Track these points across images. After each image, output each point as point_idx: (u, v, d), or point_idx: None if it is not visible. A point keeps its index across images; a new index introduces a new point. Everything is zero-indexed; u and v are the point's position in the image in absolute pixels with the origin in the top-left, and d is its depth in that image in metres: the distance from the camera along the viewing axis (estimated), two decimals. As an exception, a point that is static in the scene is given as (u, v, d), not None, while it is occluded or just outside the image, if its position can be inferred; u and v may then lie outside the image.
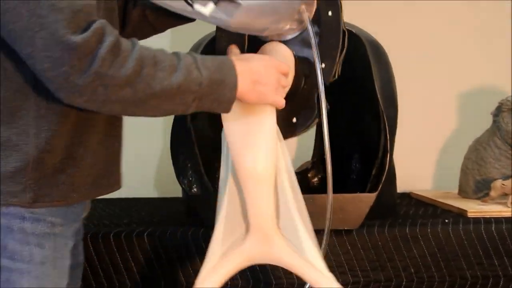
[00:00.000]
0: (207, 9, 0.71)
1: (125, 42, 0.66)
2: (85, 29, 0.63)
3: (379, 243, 1.17)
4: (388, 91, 1.23)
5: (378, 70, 1.22)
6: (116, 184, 0.81)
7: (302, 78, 0.85)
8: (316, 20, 0.83)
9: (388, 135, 1.17)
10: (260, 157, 0.80)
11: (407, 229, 1.18)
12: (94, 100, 0.65)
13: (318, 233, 0.90)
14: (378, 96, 1.18)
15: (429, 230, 1.18)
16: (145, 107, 0.68)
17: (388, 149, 1.16)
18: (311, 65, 0.83)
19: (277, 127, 0.83)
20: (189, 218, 1.29)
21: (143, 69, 0.66)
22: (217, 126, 0.84)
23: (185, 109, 0.70)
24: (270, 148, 0.81)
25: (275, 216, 0.83)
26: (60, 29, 0.61)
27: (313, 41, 0.79)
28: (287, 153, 0.84)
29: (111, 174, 0.79)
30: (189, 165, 1.23)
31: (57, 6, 0.61)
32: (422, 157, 1.70)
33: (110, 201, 1.48)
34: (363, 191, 1.19)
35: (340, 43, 0.87)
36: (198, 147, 1.21)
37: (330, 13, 0.86)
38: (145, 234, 1.15)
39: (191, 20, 0.74)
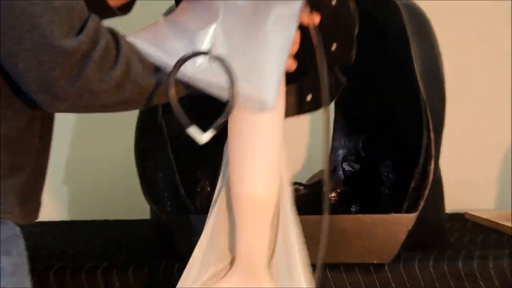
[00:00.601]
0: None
1: (111, 39, 0.76)
2: (80, 30, 0.72)
3: (421, 282, 1.14)
4: (433, 74, 1.21)
5: (418, 45, 1.18)
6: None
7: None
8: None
9: (432, 134, 1.14)
10: (261, 182, 0.86)
11: (460, 263, 1.16)
12: (77, 105, 0.76)
13: (345, 269, 0.99)
14: (418, 80, 1.14)
15: (490, 266, 1.16)
16: (129, 105, 0.81)
17: (432, 153, 1.13)
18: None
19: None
20: (160, 248, 1.28)
21: (131, 68, 0.77)
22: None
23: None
24: (274, 170, 0.87)
25: (269, 251, 0.88)
26: (55, 32, 0.70)
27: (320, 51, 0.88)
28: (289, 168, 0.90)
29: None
30: (160, 175, 1.23)
31: (52, 5, 0.70)
32: (479, 166, 1.73)
33: (52, 225, 1.52)
34: (398, 210, 1.16)
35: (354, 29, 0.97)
36: (173, 150, 1.21)
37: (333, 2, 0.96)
38: (99, 270, 1.14)
39: None
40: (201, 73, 0.84)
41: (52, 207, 1.73)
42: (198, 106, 0.93)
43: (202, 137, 0.82)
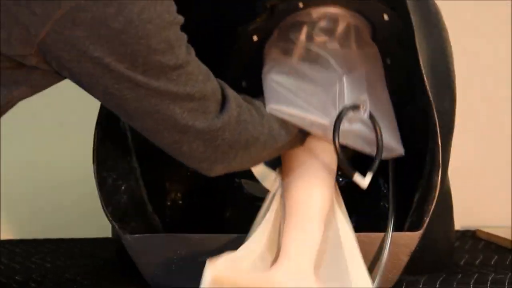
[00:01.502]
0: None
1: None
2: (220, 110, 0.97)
3: None
4: (440, 68, 1.20)
5: (424, 34, 1.17)
6: None
7: None
8: None
9: (439, 139, 1.12)
10: (317, 190, 1.10)
11: None
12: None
13: None
14: (424, 75, 1.13)
15: (507, 291, 1.15)
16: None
17: (439, 162, 1.12)
18: None
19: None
20: (124, 272, 1.27)
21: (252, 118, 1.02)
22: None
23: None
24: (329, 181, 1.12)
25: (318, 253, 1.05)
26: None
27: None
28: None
29: None
30: (123, 187, 1.22)
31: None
32: (494, 176, 1.73)
33: None
34: (400, 228, 1.15)
35: None
36: (138, 158, 1.21)
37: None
38: None
39: None
40: (352, 127, 1.09)
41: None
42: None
43: (365, 181, 1.08)
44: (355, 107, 1.08)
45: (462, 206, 1.37)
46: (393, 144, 1.14)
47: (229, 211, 1.47)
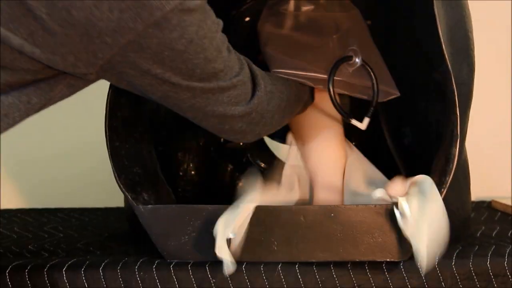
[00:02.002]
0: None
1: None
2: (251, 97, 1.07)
3: (443, 284, 1.12)
4: (459, 36, 1.19)
5: (443, 3, 1.15)
6: None
7: None
8: None
9: (458, 110, 1.11)
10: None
11: (489, 261, 1.13)
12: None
13: (353, 268, 1.08)
14: (443, 47, 1.11)
15: (525, 263, 1.13)
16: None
17: (458, 133, 1.11)
18: None
19: None
20: (136, 242, 1.28)
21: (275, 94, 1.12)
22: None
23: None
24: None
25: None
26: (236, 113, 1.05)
27: None
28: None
29: None
30: (135, 157, 1.22)
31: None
32: (507, 146, 1.75)
33: (7, 214, 1.55)
34: None
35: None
36: (150, 129, 1.23)
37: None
38: (64, 268, 1.12)
39: None
40: (350, 76, 1.20)
41: (9, 194, 1.74)
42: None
43: (363, 124, 1.20)
44: (347, 58, 1.20)
45: (476, 177, 1.36)
46: (388, 88, 1.24)
47: (241, 181, 1.47)
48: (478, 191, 1.56)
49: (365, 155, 1.31)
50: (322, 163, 1.26)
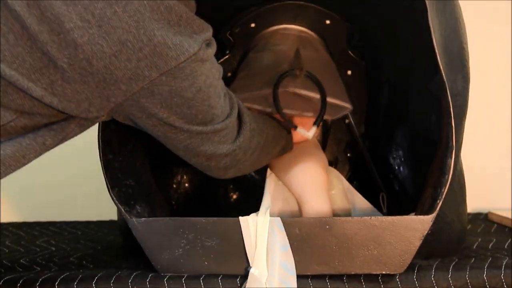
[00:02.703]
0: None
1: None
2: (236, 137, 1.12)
3: None
4: (453, 47, 1.18)
5: (436, 11, 1.16)
6: None
7: None
8: None
9: (453, 120, 1.11)
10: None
11: (485, 273, 1.13)
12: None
13: (348, 280, 1.08)
14: (438, 56, 1.11)
15: (522, 277, 1.13)
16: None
17: (453, 143, 1.11)
18: None
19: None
20: (130, 255, 1.28)
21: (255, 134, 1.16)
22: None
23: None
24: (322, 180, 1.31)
25: None
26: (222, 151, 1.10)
27: None
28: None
29: None
30: (129, 169, 1.22)
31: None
32: (504, 157, 1.74)
33: (1, 227, 1.56)
34: (411, 211, 1.15)
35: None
36: (143, 139, 1.20)
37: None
38: (57, 282, 1.12)
39: None
40: (298, 87, 1.30)
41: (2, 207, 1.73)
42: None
43: (309, 133, 1.29)
44: (290, 71, 1.31)
45: (472, 188, 1.36)
46: (339, 101, 1.33)
47: (236, 194, 1.47)
48: (475, 202, 1.55)
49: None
50: (307, 185, 1.28)
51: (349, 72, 1.46)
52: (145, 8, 0.91)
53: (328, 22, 1.43)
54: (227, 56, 1.45)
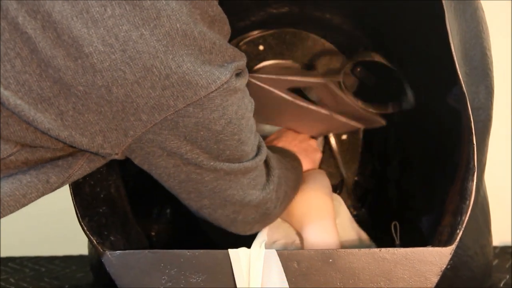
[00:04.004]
0: None
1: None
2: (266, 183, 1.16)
3: None
4: (476, 56, 1.20)
5: (456, 14, 1.18)
6: None
7: None
8: None
9: (475, 138, 1.12)
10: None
11: None
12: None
13: None
14: (456, 64, 1.12)
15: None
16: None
17: (474, 165, 1.11)
18: None
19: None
20: None
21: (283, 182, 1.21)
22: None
23: None
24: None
25: None
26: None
27: None
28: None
29: None
30: (102, 195, 1.23)
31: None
32: None
33: None
34: (427, 242, 1.15)
35: None
36: (120, 161, 1.14)
37: None
38: None
39: None
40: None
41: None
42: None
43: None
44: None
45: (499, 217, 1.38)
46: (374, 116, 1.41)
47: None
48: (502, 234, 1.57)
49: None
50: (310, 214, 1.29)
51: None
52: (177, 33, 0.93)
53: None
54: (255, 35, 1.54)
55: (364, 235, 1.32)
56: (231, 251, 1.09)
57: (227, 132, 1.01)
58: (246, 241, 1.15)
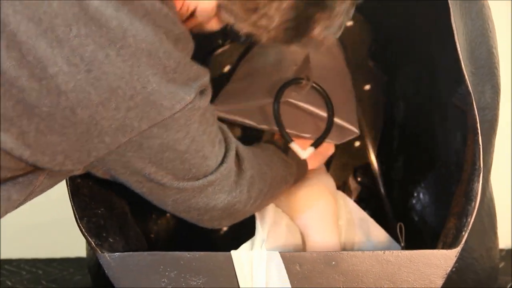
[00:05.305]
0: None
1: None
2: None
3: None
4: (482, 54, 1.21)
5: (461, 13, 1.18)
6: None
7: None
8: None
9: (481, 138, 1.12)
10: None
11: None
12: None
13: None
14: (462, 63, 1.12)
15: None
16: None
17: (480, 165, 1.11)
18: None
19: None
20: None
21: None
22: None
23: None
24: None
25: None
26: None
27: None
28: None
29: None
30: (100, 196, 1.22)
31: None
32: None
33: None
34: (433, 245, 1.15)
35: None
36: None
37: None
38: None
39: None
40: (303, 100, 1.32)
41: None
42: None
43: (304, 153, 1.28)
44: (296, 80, 1.33)
45: (507, 221, 1.38)
46: (347, 125, 1.35)
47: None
48: (508, 236, 1.57)
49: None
50: (312, 215, 1.29)
51: (367, 87, 1.48)
52: (142, 53, 0.93)
53: (350, 23, 1.44)
54: (226, 47, 1.47)
55: (382, 235, 1.31)
56: (234, 253, 1.10)
57: (191, 151, 1.02)
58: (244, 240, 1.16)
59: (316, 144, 1.30)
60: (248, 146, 1.19)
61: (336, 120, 1.32)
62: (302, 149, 1.28)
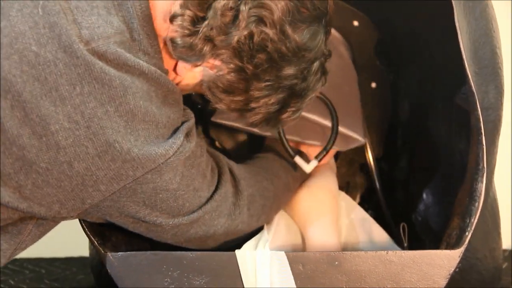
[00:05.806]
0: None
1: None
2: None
3: None
4: (486, 54, 1.19)
5: (465, 12, 1.18)
6: None
7: None
8: None
9: (484, 138, 1.12)
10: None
11: None
12: None
13: None
14: (465, 63, 1.12)
15: None
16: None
17: (484, 165, 1.11)
18: None
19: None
20: None
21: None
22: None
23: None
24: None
25: None
26: None
27: None
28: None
29: None
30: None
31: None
32: None
33: None
34: (436, 245, 1.16)
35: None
36: None
37: None
38: None
39: None
40: (307, 110, 1.30)
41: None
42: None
43: (307, 167, 1.29)
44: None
45: (510, 221, 1.39)
46: (353, 134, 1.36)
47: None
48: (509, 237, 1.56)
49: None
50: (312, 214, 1.30)
51: (374, 85, 1.48)
52: (140, 110, 0.97)
53: (356, 23, 1.45)
54: None
55: (382, 236, 1.31)
56: (238, 252, 1.10)
57: (182, 187, 1.05)
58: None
59: (320, 156, 1.31)
60: (246, 162, 1.22)
61: (342, 129, 1.33)
62: (306, 162, 1.30)
